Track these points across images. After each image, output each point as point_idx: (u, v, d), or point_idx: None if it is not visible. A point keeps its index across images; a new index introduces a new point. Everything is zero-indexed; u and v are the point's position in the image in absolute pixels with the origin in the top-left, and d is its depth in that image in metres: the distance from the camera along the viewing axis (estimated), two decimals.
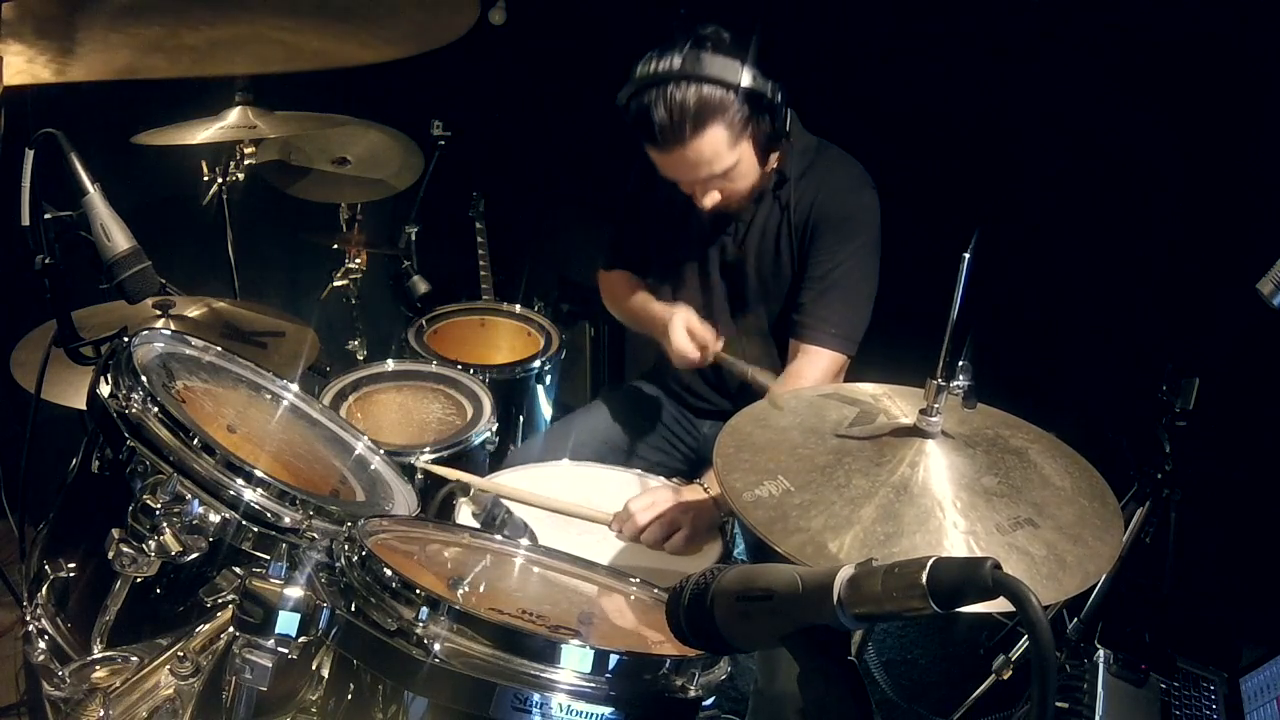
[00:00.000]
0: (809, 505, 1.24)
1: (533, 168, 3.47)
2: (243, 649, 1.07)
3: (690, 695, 1.13)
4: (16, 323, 1.91)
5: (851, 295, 1.96)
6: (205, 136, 2.32)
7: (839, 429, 1.39)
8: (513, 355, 2.75)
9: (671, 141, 1.76)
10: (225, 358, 1.67)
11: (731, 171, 1.83)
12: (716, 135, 1.76)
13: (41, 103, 1.61)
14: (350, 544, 1.18)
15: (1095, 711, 1.61)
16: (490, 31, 2.74)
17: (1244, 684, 1.69)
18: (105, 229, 1.44)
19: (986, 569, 0.72)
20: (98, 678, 1.32)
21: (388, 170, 2.93)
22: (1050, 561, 1.19)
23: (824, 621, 0.80)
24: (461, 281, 3.20)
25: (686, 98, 1.72)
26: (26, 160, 1.42)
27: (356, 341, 3.09)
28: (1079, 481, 1.35)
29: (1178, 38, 2.14)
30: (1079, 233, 2.37)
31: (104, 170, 1.47)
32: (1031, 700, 0.70)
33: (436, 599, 1.09)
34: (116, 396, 1.34)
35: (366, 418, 2.22)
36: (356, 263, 2.98)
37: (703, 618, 0.87)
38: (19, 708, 1.65)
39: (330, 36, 1.67)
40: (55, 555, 1.40)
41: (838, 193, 1.95)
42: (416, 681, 1.08)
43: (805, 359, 1.95)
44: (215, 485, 1.29)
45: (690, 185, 1.88)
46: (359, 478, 1.66)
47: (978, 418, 1.44)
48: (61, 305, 1.51)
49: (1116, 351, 2.35)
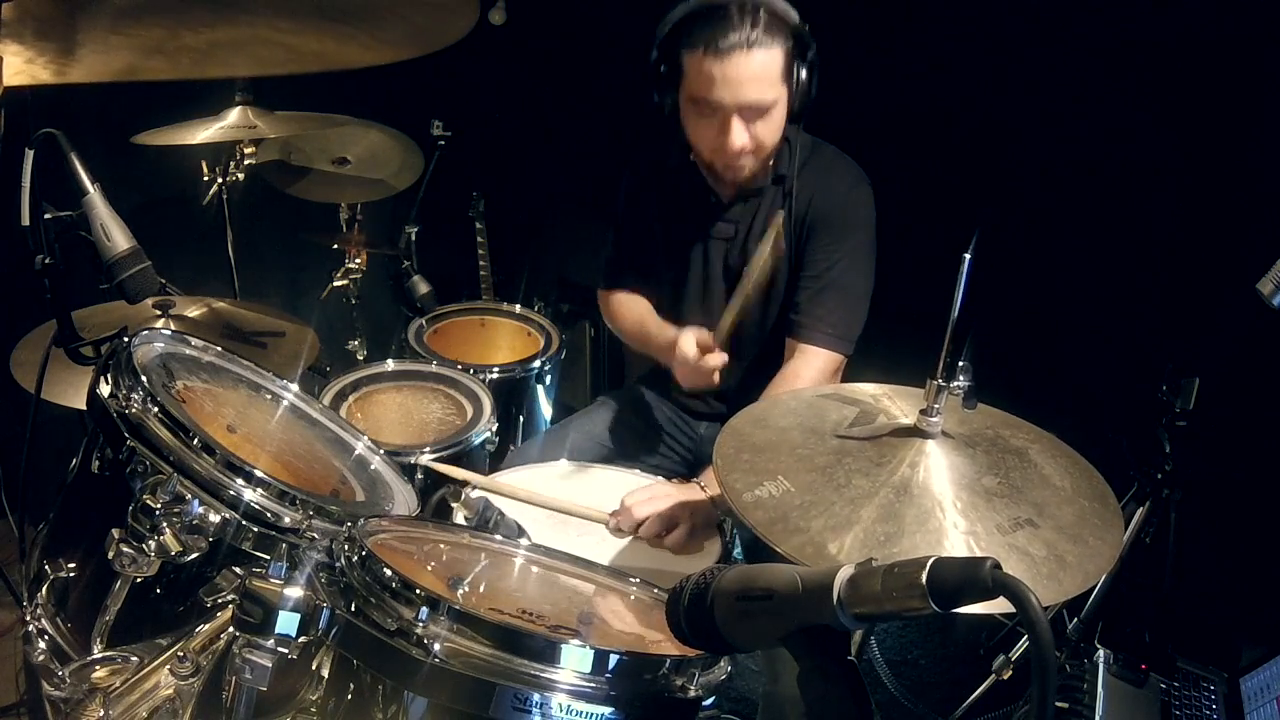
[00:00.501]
0: (809, 506, 1.24)
1: (533, 168, 3.47)
2: (243, 649, 1.07)
3: (690, 695, 1.13)
4: (16, 323, 1.91)
5: (848, 294, 1.95)
6: (205, 136, 2.32)
7: (839, 429, 1.39)
8: (513, 355, 2.75)
9: (737, 45, 1.72)
10: (225, 358, 1.67)
11: (769, 114, 1.80)
12: (775, 58, 1.75)
13: (41, 103, 1.61)
14: (350, 544, 1.18)
15: (1095, 711, 1.61)
16: (490, 31, 2.74)
17: (1244, 684, 1.69)
18: (105, 229, 1.44)
19: (986, 569, 0.72)
20: (98, 678, 1.32)
21: (388, 170, 2.93)
22: (1050, 561, 1.19)
23: (824, 621, 0.80)
24: (461, 281, 3.20)
25: (755, 12, 1.73)
26: (26, 160, 1.42)
27: (356, 341, 3.10)
28: (1079, 481, 1.36)
29: (1177, 38, 2.14)
30: (1079, 233, 2.37)
31: (104, 170, 1.47)
32: (1031, 700, 0.70)
33: (436, 599, 1.09)
34: (116, 396, 1.34)
35: (366, 418, 2.23)
36: (356, 263, 2.99)
37: (703, 618, 0.87)
38: (19, 708, 1.65)
39: (330, 38, 1.67)
40: (55, 555, 1.40)
41: (834, 191, 1.94)
42: (416, 681, 1.08)
43: (802, 359, 1.95)
44: (215, 485, 1.29)
45: (724, 118, 1.80)
46: (359, 478, 1.66)
47: (978, 418, 1.44)
48: (61, 305, 1.51)
49: (1116, 351, 2.36)
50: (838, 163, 1.99)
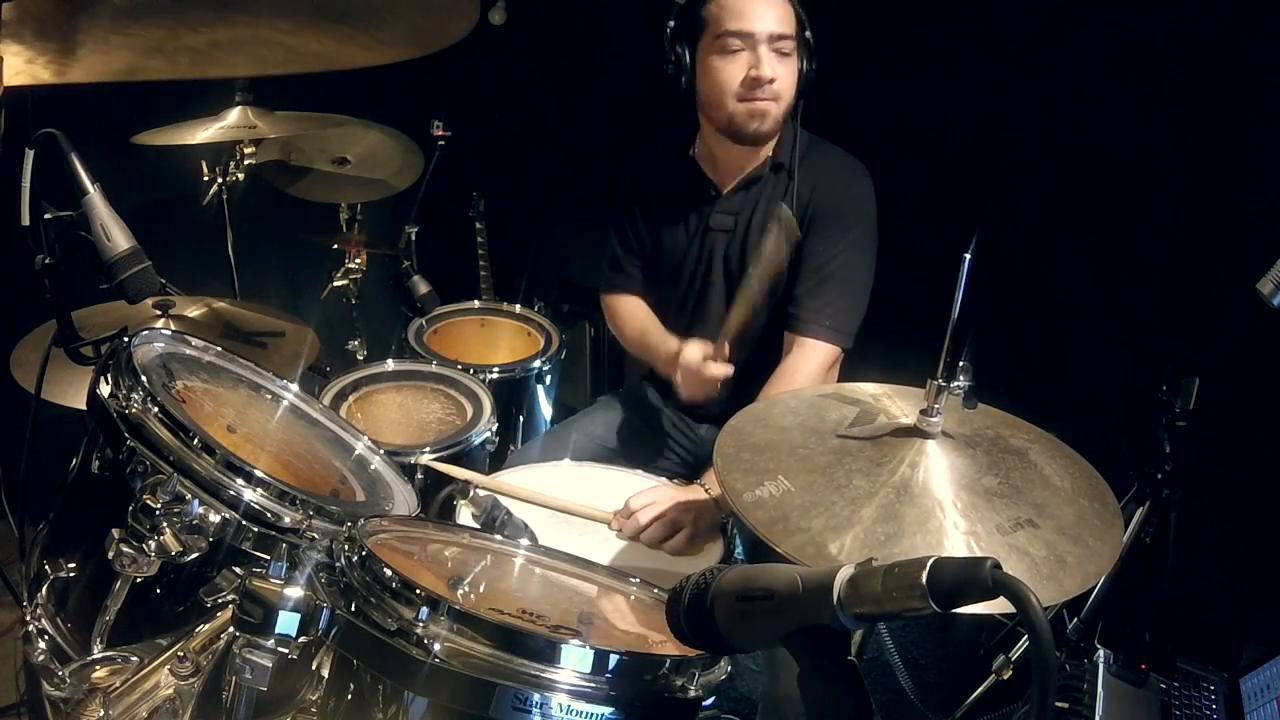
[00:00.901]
0: (809, 506, 1.24)
1: (533, 168, 3.47)
2: (243, 649, 1.07)
3: (690, 695, 1.13)
4: (16, 323, 1.91)
5: (847, 287, 1.96)
6: (205, 136, 2.33)
7: (839, 429, 1.39)
8: (513, 355, 2.75)
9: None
10: (225, 358, 1.67)
11: (789, 59, 1.87)
12: (793, 11, 1.85)
13: (41, 103, 1.61)
14: (350, 544, 1.18)
15: (1095, 711, 1.61)
16: (490, 31, 2.74)
17: (1244, 684, 1.69)
18: (105, 229, 1.44)
19: (986, 569, 0.72)
20: (98, 678, 1.32)
21: (388, 170, 2.93)
22: (1050, 562, 1.19)
23: (824, 621, 0.80)
24: (461, 281, 3.20)
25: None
26: (26, 160, 1.42)
27: (356, 341, 3.10)
28: (1079, 482, 1.35)
29: (1177, 38, 2.14)
30: (1079, 233, 2.37)
31: (104, 170, 1.47)
32: (1031, 700, 0.70)
33: (436, 599, 1.09)
34: (116, 396, 1.34)
35: (366, 418, 2.22)
36: (356, 263, 2.99)
37: (703, 618, 0.87)
38: (19, 708, 1.64)
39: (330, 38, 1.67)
40: (55, 555, 1.39)
41: (833, 185, 1.95)
42: (416, 681, 1.08)
43: (800, 352, 1.95)
44: (215, 485, 1.29)
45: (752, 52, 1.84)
46: (359, 478, 1.66)
47: (978, 418, 1.44)
48: (61, 305, 1.51)
49: (1116, 351, 2.35)
50: (838, 157, 2.00)
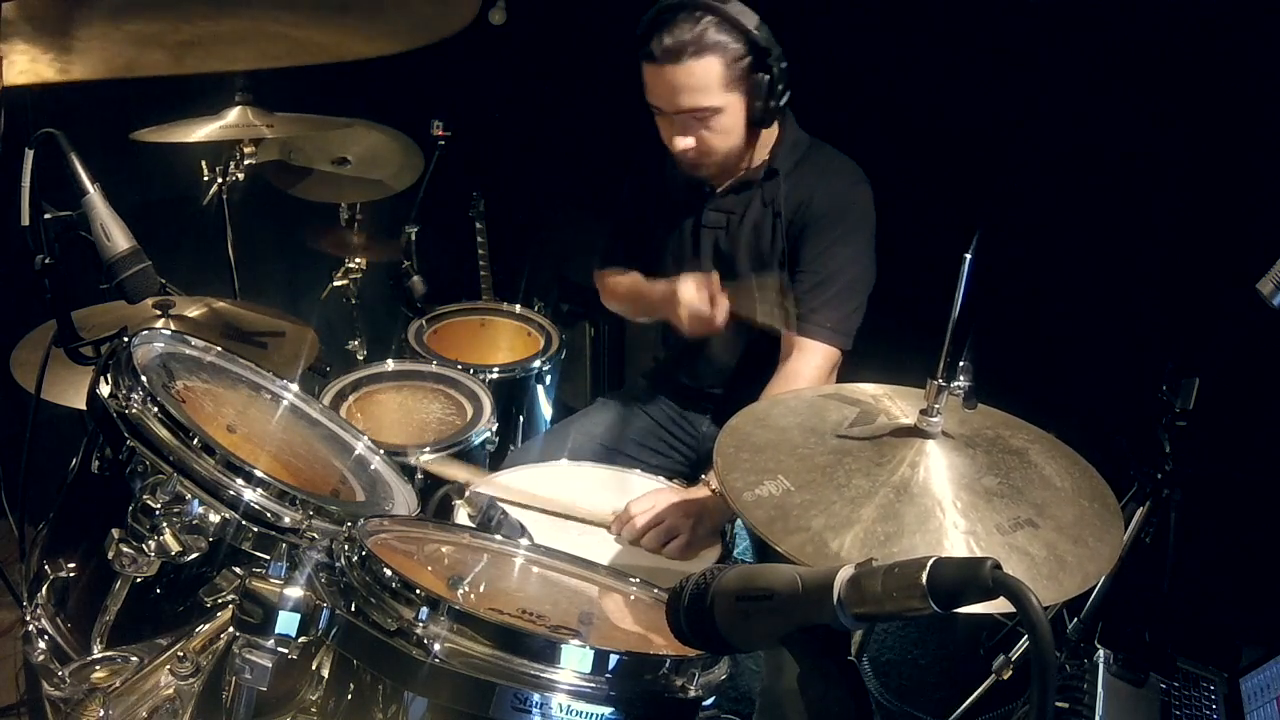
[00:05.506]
0: (809, 505, 1.24)
1: (533, 168, 3.47)
2: (243, 649, 1.07)
3: (690, 695, 1.13)
4: (16, 323, 1.91)
5: (846, 289, 1.97)
6: (205, 134, 2.32)
7: (839, 429, 1.39)
8: (513, 355, 2.75)
9: (668, 58, 1.80)
10: (225, 358, 1.67)
11: (713, 119, 1.86)
12: (711, 68, 1.81)
13: (41, 103, 1.61)
14: (350, 544, 1.18)
15: (1095, 711, 1.61)
16: (490, 31, 2.74)
17: (1244, 684, 1.69)
18: (105, 229, 1.44)
19: (986, 569, 0.72)
20: (98, 678, 1.32)
21: (388, 170, 2.92)
22: (1050, 562, 1.19)
23: (824, 621, 0.80)
24: (461, 282, 3.19)
25: (697, 23, 1.79)
26: (26, 160, 1.42)
27: (356, 341, 3.09)
28: (1079, 482, 1.36)
29: (1178, 38, 2.14)
30: (1079, 233, 2.37)
31: (104, 170, 1.47)
32: (1031, 700, 0.70)
33: (436, 599, 1.09)
34: (116, 396, 1.34)
35: (366, 418, 2.22)
36: (356, 263, 2.98)
37: (703, 618, 0.87)
38: (19, 708, 1.64)
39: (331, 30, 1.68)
40: (55, 555, 1.40)
41: (831, 188, 1.96)
42: (416, 681, 1.08)
43: (800, 354, 1.95)
44: (215, 485, 1.29)
45: (670, 121, 1.89)
46: (359, 478, 1.66)
47: (978, 418, 1.44)
48: (61, 305, 1.51)
49: (1116, 351, 2.35)
50: (836, 161, 2.01)
